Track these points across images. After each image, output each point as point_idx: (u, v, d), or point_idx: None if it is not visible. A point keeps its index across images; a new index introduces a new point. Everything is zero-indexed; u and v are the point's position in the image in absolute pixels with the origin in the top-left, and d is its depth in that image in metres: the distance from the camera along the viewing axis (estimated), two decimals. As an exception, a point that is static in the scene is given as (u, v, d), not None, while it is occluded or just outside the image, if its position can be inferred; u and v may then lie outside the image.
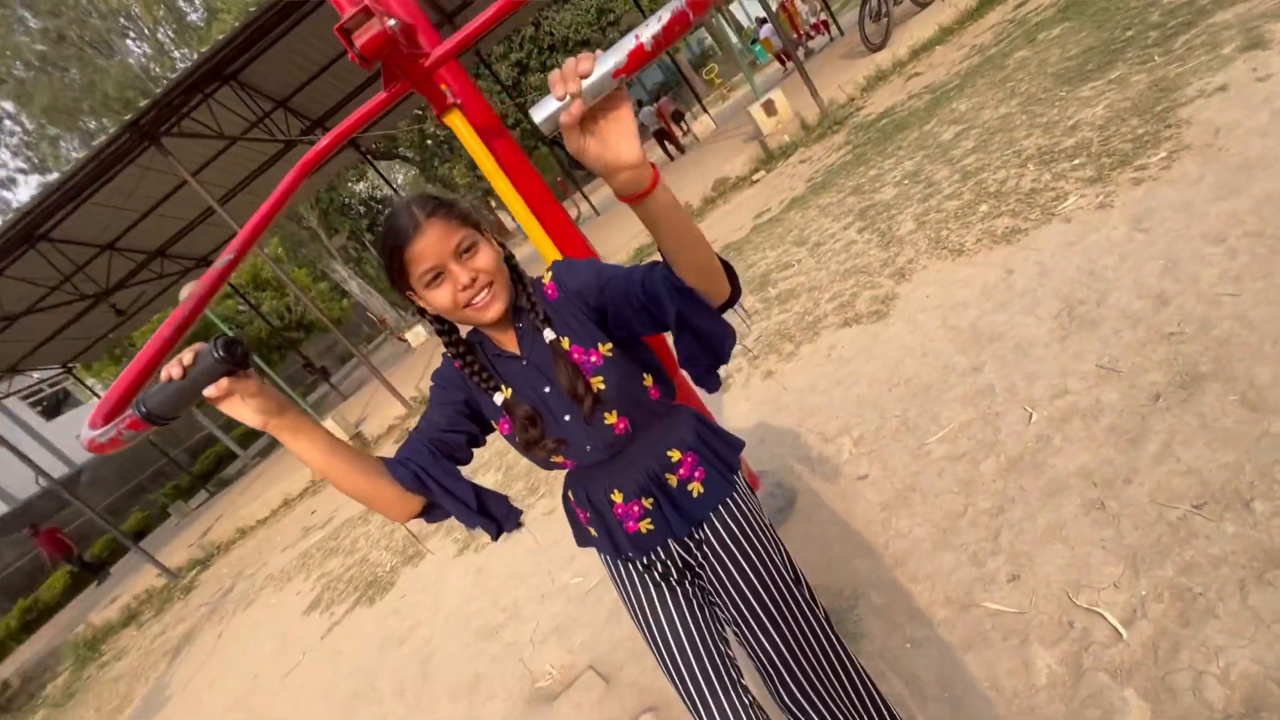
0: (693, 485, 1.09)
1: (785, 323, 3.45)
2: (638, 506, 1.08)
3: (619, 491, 1.08)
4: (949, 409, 2.11)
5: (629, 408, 1.04)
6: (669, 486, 1.08)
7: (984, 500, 1.73)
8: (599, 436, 1.03)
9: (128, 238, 10.10)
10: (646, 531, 1.08)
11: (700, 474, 1.09)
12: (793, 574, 1.10)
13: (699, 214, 7.45)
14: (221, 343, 0.72)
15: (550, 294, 1.05)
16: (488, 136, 1.53)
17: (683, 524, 1.08)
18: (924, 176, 3.96)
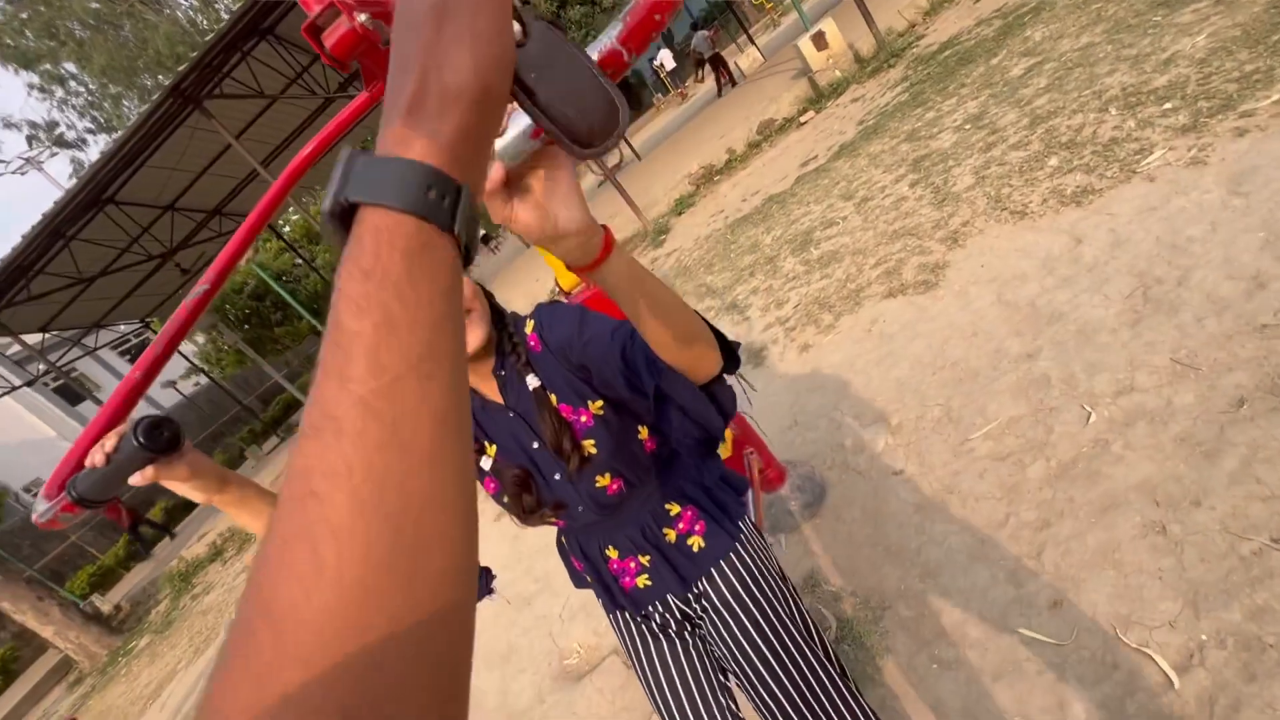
0: (693, 539, 1.03)
1: (825, 290, 3.25)
2: (634, 563, 1.03)
3: (614, 548, 1.03)
4: (997, 401, 1.94)
5: (623, 468, 0.96)
6: (666, 543, 1.02)
7: (1028, 510, 1.60)
8: (590, 498, 0.96)
9: (186, 198, 10.46)
10: (644, 587, 1.03)
11: (701, 527, 1.03)
12: (804, 631, 1.01)
13: (742, 159, 7.08)
14: (143, 428, 0.68)
15: (534, 346, 0.95)
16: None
17: (681, 581, 1.02)
18: (988, 121, 3.57)
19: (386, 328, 0.23)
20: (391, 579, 0.21)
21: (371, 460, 0.22)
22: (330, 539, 0.21)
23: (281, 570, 0.21)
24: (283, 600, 0.20)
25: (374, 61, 1.28)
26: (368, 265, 0.24)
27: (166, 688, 5.64)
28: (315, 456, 0.22)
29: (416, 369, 0.24)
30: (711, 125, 9.23)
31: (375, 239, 0.25)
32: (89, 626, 8.49)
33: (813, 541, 1.98)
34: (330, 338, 0.24)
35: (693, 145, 8.78)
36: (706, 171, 7.32)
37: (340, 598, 0.20)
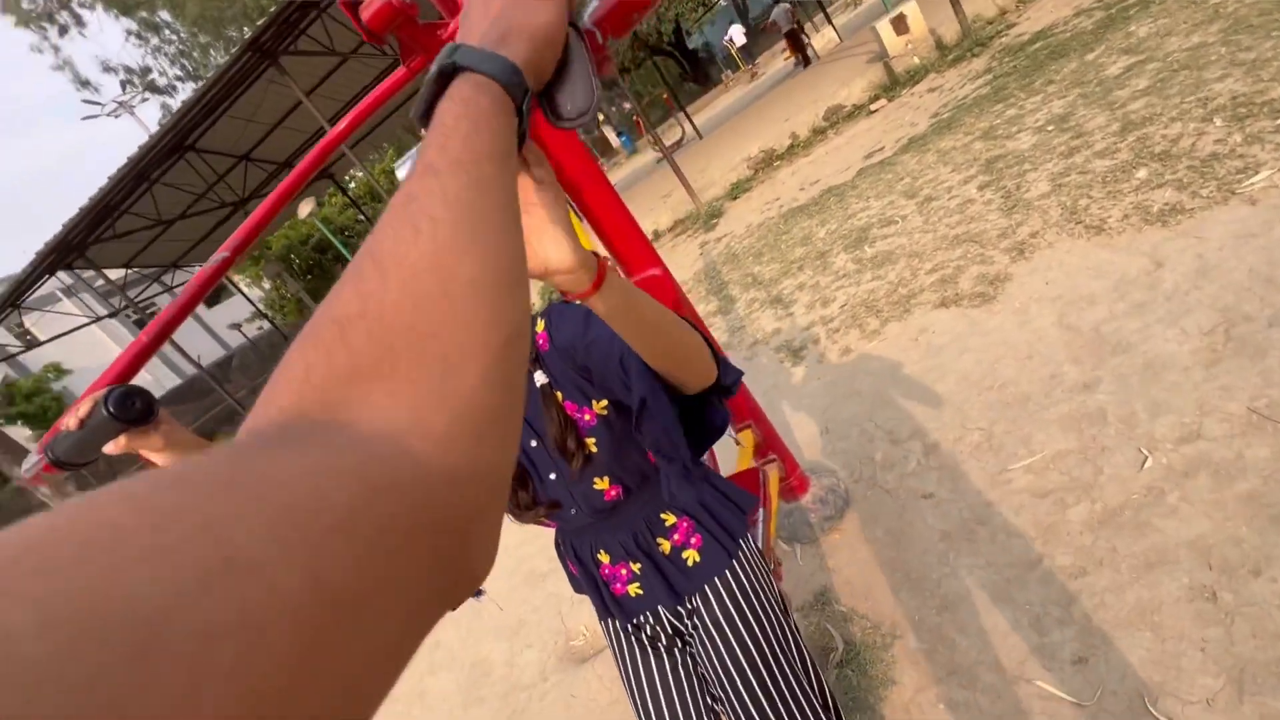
0: (688, 553, 1.00)
1: (875, 293, 3.11)
2: (625, 570, 1.00)
3: (605, 553, 1.00)
4: (1045, 431, 1.81)
5: (622, 473, 0.94)
6: (659, 554, 0.99)
7: (1064, 555, 1.49)
8: (586, 501, 0.94)
9: (259, 150, 10.85)
10: (634, 595, 1.00)
11: (697, 541, 1.00)
12: (796, 664, 0.97)
13: (805, 146, 6.83)
14: (114, 398, 0.68)
15: (542, 344, 0.93)
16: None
17: (671, 594, 0.98)
18: (1074, 123, 3.31)
19: (475, 129, 0.32)
20: (472, 249, 0.28)
21: (460, 190, 0.29)
22: (426, 219, 0.28)
23: (387, 236, 0.27)
24: (388, 250, 0.27)
25: (410, 36, 1.25)
26: (467, 95, 0.34)
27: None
28: (417, 183, 0.29)
29: (494, 158, 0.32)
30: (778, 107, 8.93)
31: (474, 88, 0.34)
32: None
33: (829, 557, 1.91)
34: (434, 133, 0.32)
35: (756, 127, 8.52)
36: (767, 156, 7.11)
37: (435, 251, 0.27)
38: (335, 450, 0.21)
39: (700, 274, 5.29)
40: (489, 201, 0.30)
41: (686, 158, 10.20)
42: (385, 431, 0.22)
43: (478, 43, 0.37)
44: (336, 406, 0.23)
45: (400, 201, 0.29)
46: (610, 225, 1.23)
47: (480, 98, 0.34)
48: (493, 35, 0.37)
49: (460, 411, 0.24)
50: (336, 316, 0.25)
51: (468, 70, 0.35)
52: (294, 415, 0.22)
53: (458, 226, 0.28)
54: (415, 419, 0.23)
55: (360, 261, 0.27)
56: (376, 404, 0.23)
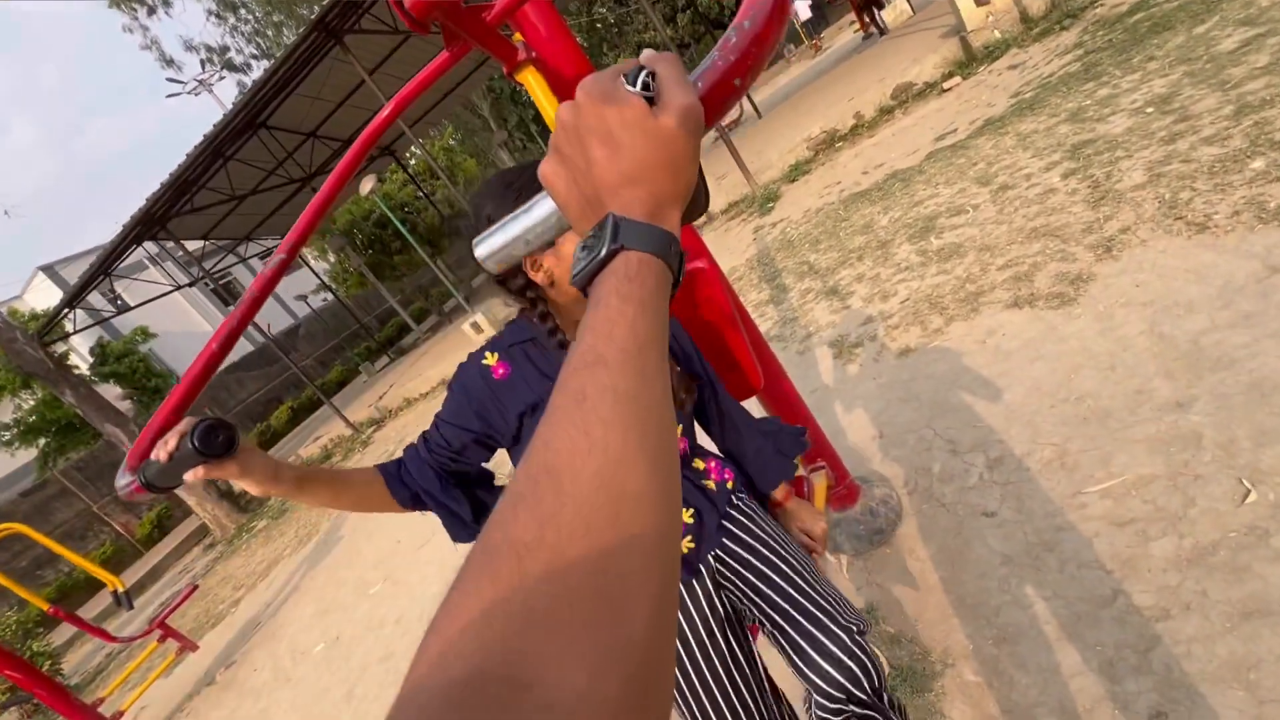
0: (727, 482, 1.14)
1: (940, 288, 2.92)
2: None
3: None
4: (1128, 452, 1.65)
5: (689, 429, 1.09)
6: (709, 490, 1.10)
7: (1144, 594, 1.36)
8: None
9: (325, 127, 11.19)
10: (688, 550, 1.05)
11: (729, 473, 1.14)
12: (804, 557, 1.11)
13: (870, 126, 6.50)
14: (199, 433, 0.75)
15: None
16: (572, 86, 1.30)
17: (716, 516, 1.08)
18: (1178, 105, 2.99)
19: (641, 311, 0.34)
20: (640, 459, 0.28)
21: (629, 384, 0.30)
22: (599, 425, 0.28)
23: (562, 444, 0.27)
24: (563, 464, 0.27)
25: (455, 21, 1.20)
26: (632, 275, 0.35)
27: (274, 569, 6.42)
28: (587, 376, 0.30)
29: (655, 343, 0.33)
30: (842, 84, 8.52)
31: (639, 265, 0.36)
32: (222, 502, 9.79)
33: (877, 572, 1.82)
34: (600, 314, 0.34)
35: (818, 105, 8.16)
36: (828, 137, 6.80)
37: (605, 465, 0.27)
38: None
39: (752, 261, 5.14)
40: (653, 396, 0.31)
41: (744, 138, 9.91)
42: (566, 699, 0.21)
43: (635, 213, 0.37)
44: (516, 664, 0.21)
45: (571, 400, 0.30)
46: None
47: (645, 276, 0.35)
48: (644, 200, 0.38)
49: (632, 670, 0.23)
50: (514, 542, 0.24)
51: (631, 250, 0.36)
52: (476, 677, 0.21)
53: (628, 432, 0.28)
54: (592, 683, 0.21)
55: (534, 473, 0.27)
56: (555, 662, 0.21)
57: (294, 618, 4.71)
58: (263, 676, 4.07)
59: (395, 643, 3.29)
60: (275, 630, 4.73)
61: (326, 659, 3.67)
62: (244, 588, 6.48)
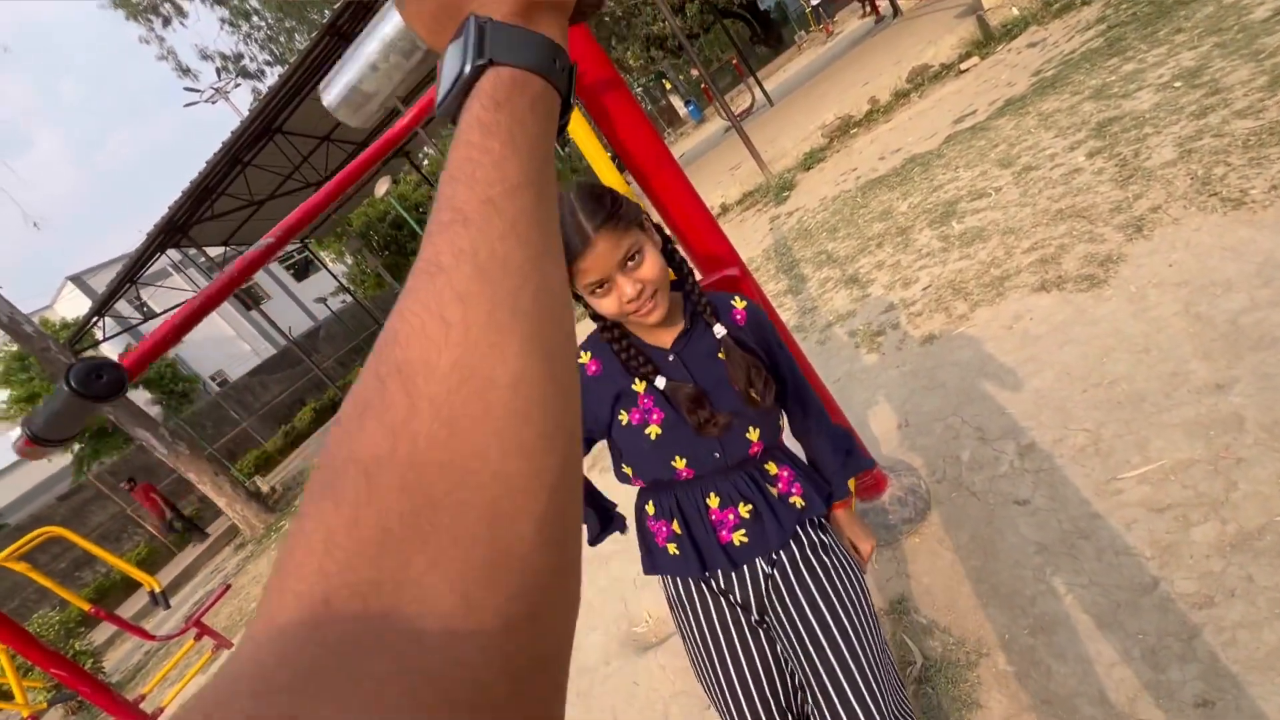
0: (793, 498, 1.07)
1: (963, 273, 2.88)
2: (733, 514, 1.06)
3: (715, 496, 1.05)
4: (1165, 436, 1.62)
5: (767, 433, 1.05)
6: (770, 494, 1.06)
7: (1186, 580, 1.33)
8: (733, 448, 1.02)
9: (339, 130, 11.29)
10: (739, 544, 1.04)
11: (799, 489, 1.08)
12: (871, 618, 1.04)
13: (885, 111, 6.40)
14: (75, 373, 0.64)
15: (738, 319, 1.06)
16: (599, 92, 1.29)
17: (779, 531, 1.04)
18: (1208, 78, 2.90)
19: (511, 147, 0.28)
20: (511, 339, 0.23)
21: (494, 245, 0.25)
22: (456, 302, 0.23)
23: (412, 333, 0.22)
24: (415, 358, 0.22)
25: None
26: (500, 99, 0.29)
27: (303, 567, 6.54)
28: (444, 241, 0.25)
29: (532, 183, 0.27)
30: (856, 69, 8.40)
31: (510, 85, 0.29)
32: (251, 502, 9.99)
33: (908, 562, 1.80)
34: (459, 152, 0.27)
35: (832, 91, 8.06)
36: (843, 123, 6.72)
37: (467, 353, 0.22)
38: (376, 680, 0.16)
39: (770, 250, 5.10)
40: (529, 257, 0.25)
41: (757, 126, 9.82)
42: (433, 628, 0.17)
43: (502, 11, 0.31)
44: (368, 592, 0.18)
45: (424, 275, 0.24)
46: (683, 218, 1.15)
47: (517, 100, 0.29)
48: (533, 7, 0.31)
49: (515, 584, 0.19)
50: (359, 457, 0.20)
51: (500, 65, 0.30)
52: (315, 611, 0.17)
53: (495, 308, 0.23)
54: (465, 602, 0.18)
55: (382, 373, 0.22)
56: (417, 583, 0.18)
57: (324, 615, 4.80)
58: (296, 672, 4.16)
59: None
60: (307, 627, 4.82)
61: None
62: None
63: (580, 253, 0.88)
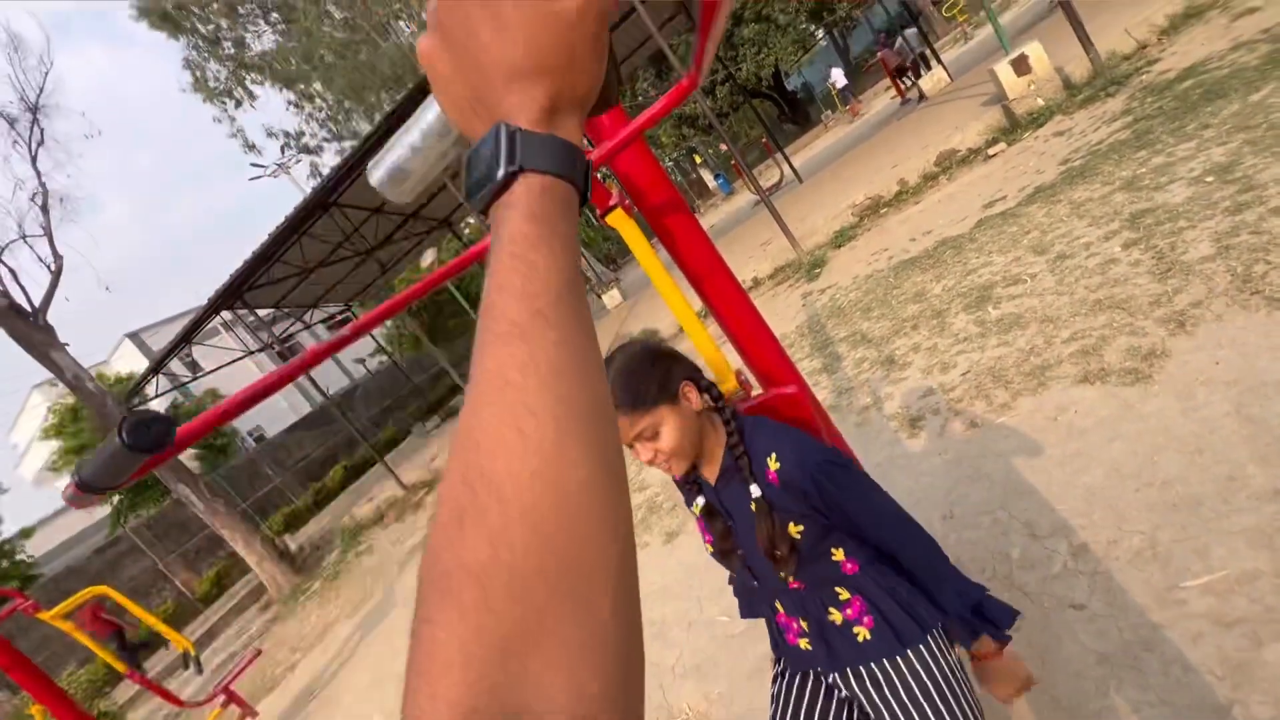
0: (859, 630, 1.04)
1: (1003, 361, 2.90)
2: (796, 625, 1.10)
3: (780, 605, 1.12)
4: (1226, 544, 1.59)
5: (808, 576, 1.05)
6: (827, 621, 1.07)
7: (1261, 704, 1.28)
8: (768, 580, 1.10)
9: (389, 203, 12.01)
10: (805, 649, 1.10)
11: (869, 621, 1.04)
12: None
13: (915, 193, 6.59)
14: (128, 426, 0.64)
15: (772, 480, 1.03)
16: (662, 215, 1.42)
17: (832, 660, 1.06)
18: (1241, 174, 2.97)
19: (551, 258, 0.30)
20: (577, 444, 0.26)
21: (550, 354, 0.27)
22: (529, 416, 0.25)
23: (496, 444, 0.25)
24: (500, 468, 0.24)
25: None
26: (537, 211, 0.31)
27: (329, 633, 6.49)
28: (506, 354, 0.27)
29: (572, 288, 0.30)
30: (883, 151, 8.71)
31: (542, 194, 0.31)
32: (280, 562, 10.04)
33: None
34: (505, 263, 0.29)
35: (861, 172, 8.34)
36: (873, 203, 6.92)
37: (544, 463, 0.25)
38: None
39: (803, 327, 5.18)
40: (578, 359, 0.28)
41: (786, 203, 10.15)
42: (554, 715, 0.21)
43: (528, 118, 0.33)
44: (503, 697, 0.21)
45: (494, 385, 0.26)
46: (741, 333, 1.23)
47: (551, 206, 0.31)
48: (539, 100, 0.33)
49: (607, 666, 0.23)
50: (468, 565, 0.23)
51: (530, 172, 0.32)
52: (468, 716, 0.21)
53: (560, 420, 0.26)
54: (574, 687, 0.22)
55: (470, 479, 0.25)
56: (537, 682, 0.22)
57: (349, 685, 4.74)
58: (320, 748, 4.08)
59: (454, 718, 3.27)
60: (331, 697, 4.75)
61: (384, 732, 3.66)
62: (300, 651, 6.56)
63: None
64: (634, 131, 1.22)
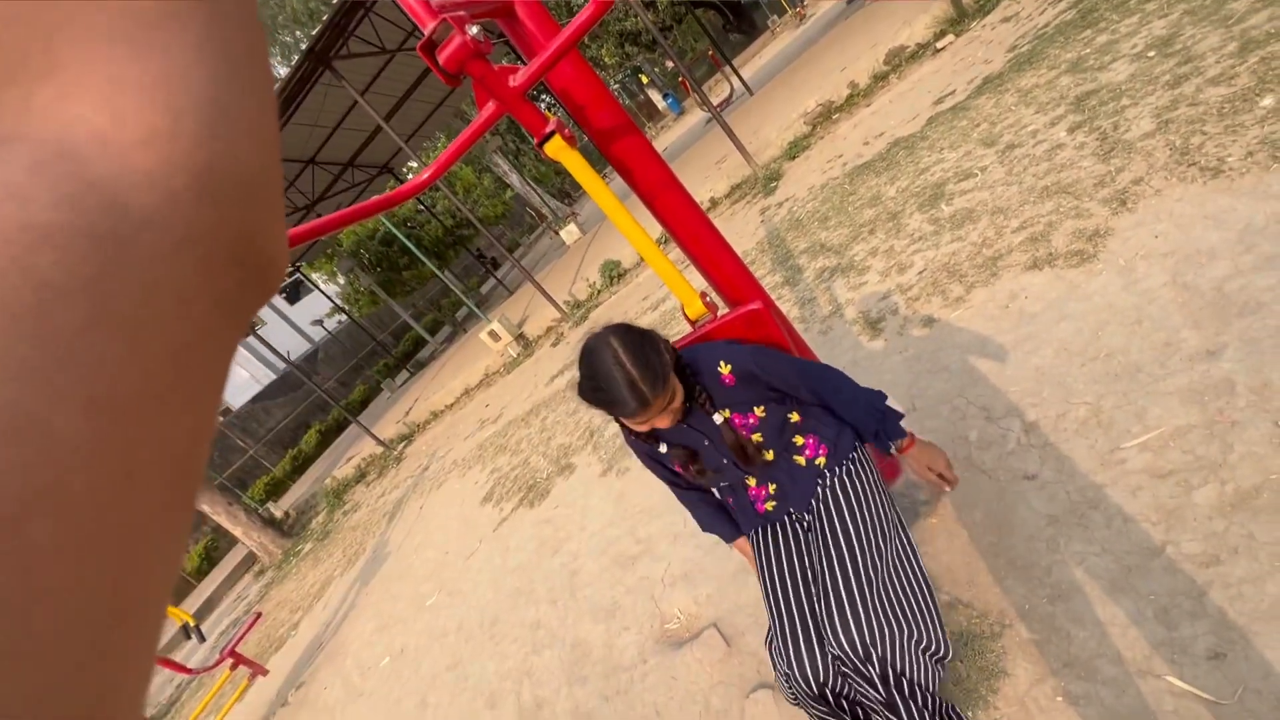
0: (819, 459, 1.38)
1: (957, 255, 2.95)
2: (766, 490, 1.41)
3: (753, 478, 1.41)
4: (1162, 405, 1.70)
5: (779, 444, 1.36)
6: (795, 466, 1.38)
7: (1192, 542, 1.41)
8: (755, 468, 1.37)
9: (323, 152, 11.31)
10: (770, 511, 1.43)
11: (824, 449, 1.39)
12: (902, 539, 1.33)
13: (866, 95, 6.46)
14: None
15: (727, 382, 1.27)
16: (611, 139, 1.36)
17: (801, 499, 1.38)
18: (1180, 46, 2.98)
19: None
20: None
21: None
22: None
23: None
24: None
25: (485, 85, 1.26)
26: None
27: (328, 589, 6.61)
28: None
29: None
30: (832, 54, 8.45)
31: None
32: (266, 529, 10.06)
33: (927, 543, 1.88)
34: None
35: (810, 78, 8.11)
36: (824, 109, 6.77)
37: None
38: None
39: (763, 243, 5.17)
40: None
41: (738, 117, 9.87)
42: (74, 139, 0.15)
43: None
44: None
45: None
46: (703, 256, 1.22)
47: None
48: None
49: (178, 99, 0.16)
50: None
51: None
52: None
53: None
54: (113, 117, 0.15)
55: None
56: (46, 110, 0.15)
57: (355, 634, 4.88)
58: (334, 693, 4.24)
59: (460, 649, 3.42)
60: (339, 648, 4.90)
61: (395, 671, 3.82)
62: (300, 610, 6.69)
63: (633, 413, 1.13)
64: (567, 42, 1.15)
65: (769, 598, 1.33)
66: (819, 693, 1.18)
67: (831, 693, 1.18)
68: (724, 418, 1.28)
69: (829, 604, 1.19)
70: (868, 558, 1.22)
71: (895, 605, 1.18)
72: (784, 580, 1.32)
